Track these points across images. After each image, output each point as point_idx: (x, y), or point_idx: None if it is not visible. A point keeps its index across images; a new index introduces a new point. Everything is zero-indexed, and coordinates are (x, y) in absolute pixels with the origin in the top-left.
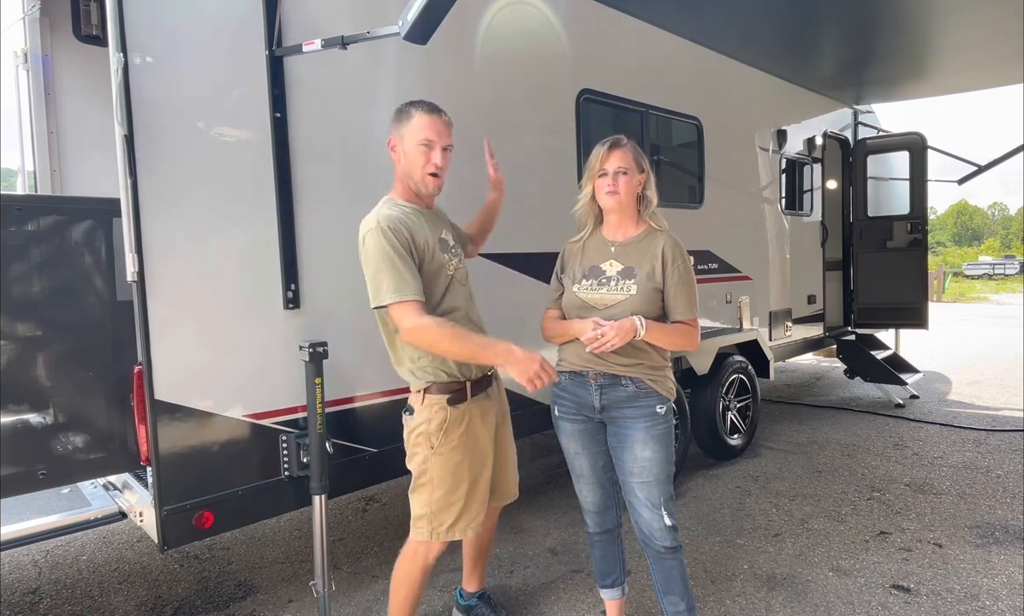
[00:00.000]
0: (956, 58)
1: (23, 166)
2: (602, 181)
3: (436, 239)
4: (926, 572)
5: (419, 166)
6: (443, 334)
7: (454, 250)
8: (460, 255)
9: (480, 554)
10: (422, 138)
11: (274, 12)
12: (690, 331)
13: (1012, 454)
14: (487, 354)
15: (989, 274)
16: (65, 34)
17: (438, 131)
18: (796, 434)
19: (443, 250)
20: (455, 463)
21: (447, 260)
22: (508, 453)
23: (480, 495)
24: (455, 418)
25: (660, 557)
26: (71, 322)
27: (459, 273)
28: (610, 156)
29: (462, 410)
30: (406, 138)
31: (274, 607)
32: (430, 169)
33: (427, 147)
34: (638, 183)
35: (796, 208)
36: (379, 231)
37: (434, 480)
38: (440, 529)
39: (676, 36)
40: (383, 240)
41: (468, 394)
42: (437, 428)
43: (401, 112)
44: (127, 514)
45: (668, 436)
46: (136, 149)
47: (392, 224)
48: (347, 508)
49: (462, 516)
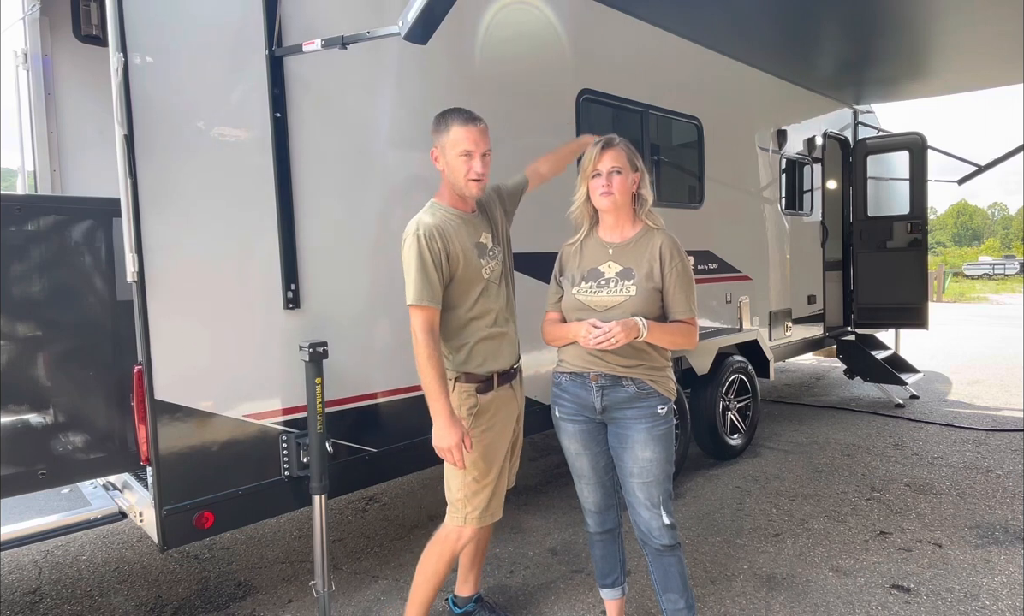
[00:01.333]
0: (956, 58)
1: (23, 166)
2: (596, 182)
3: (473, 244)
4: (926, 572)
5: (462, 175)
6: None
7: (491, 252)
8: (497, 256)
9: (478, 554)
10: (461, 149)
11: (274, 12)
12: (690, 329)
13: (1012, 454)
14: (429, 402)
15: (989, 274)
16: (65, 34)
17: (475, 140)
18: (796, 434)
19: (480, 255)
20: (485, 446)
21: (483, 264)
22: (518, 445)
23: (504, 479)
24: (484, 404)
25: (659, 555)
26: (71, 322)
27: (494, 274)
28: (603, 156)
29: (491, 397)
30: (447, 150)
31: (274, 607)
32: (472, 176)
33: (467, 157)
34: (633, 182)
35: (796, 208)
36: (415, 238)
37: (468, 465)
38: (474, 513)
39: (676, 36)
40: (416, 247)
41: (495, 384)
42: (468, 413)
43: (439, 124)
44: (127, 514)
45: (669, 436)
46: (136, 149)
47: (428, 233)
48: (347, 508)
49: (493, 499)
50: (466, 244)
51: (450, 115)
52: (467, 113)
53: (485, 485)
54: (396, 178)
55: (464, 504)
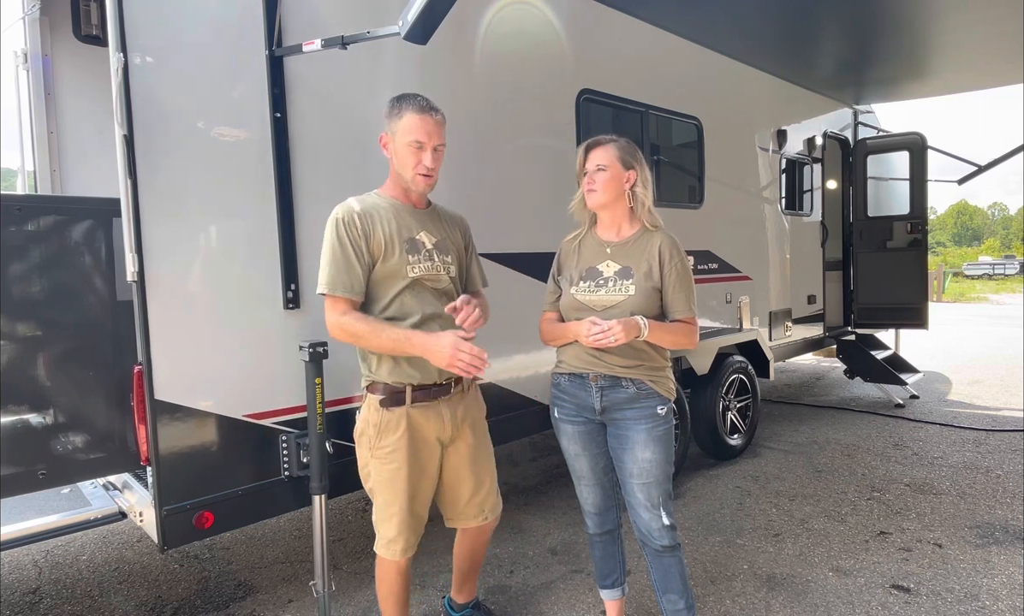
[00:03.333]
0: (956, 58)
1: (23, 166)
2: (584, 180)
3: (404, 237)
4: (926, 572)
5: (409, 166)
6: (358, 329)
7: (430, 254)
8: (441, 262)
9: (472, 568)
10: (412, 139)
11: (274, 12)
12: (690, 329)
13: (1012, 454)
14: (406, 347)
15: (989, 274)
16: (65, 34)
17: (428, 132)
18: (796, 434)
19: (410, 250)
20: (391, 471)
21: (412, 261)
22: (463, 469)
23: (419, 512)
24: (389, 422)
25: (659, 556)
26: (71, 322)
27: (429, 276)
28: (589, 155)
29: (397, 415)
30: (397, 136)
31: (274, 607)
32: (420, 170)
33: (418, 148)
34: (626, 179)
35: (796, 208)
36: (333, 221)
37: (375, 485)
38: (381, 542)
39: (676, 36)
40: (333, 231)
41: (408, 398)
42: (374, 429)
43: (392, 107)
44: (127, 514)
45: (668, 437)
46: (136, 149)
47: (348, 216)
48: (347, 508)
49: (400, 534)
50: (393, 234)
51: (405, 100)
52: (423, 101)
53: (392, 514)
54: None
55: (377, 528)
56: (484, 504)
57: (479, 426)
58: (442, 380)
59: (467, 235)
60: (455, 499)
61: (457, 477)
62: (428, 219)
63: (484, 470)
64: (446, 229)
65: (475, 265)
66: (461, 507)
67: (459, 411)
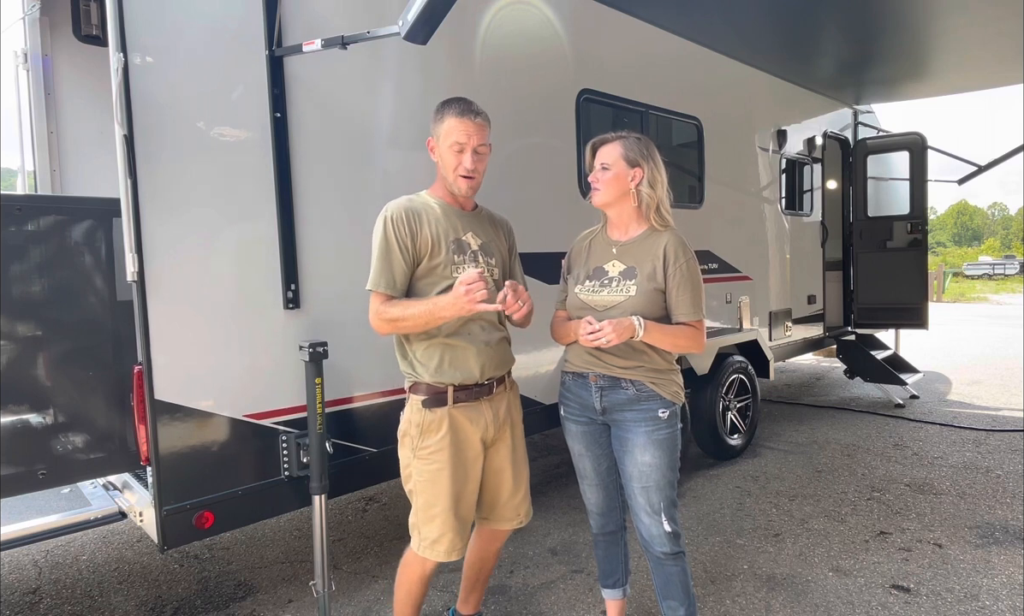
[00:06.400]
0: (956, 58)
1: (23, 166)
2: (591, 178)
3: (451, 239)
4: (926, 572)
5: (451, 168)
6: (392, 313)
7: (475, 255)
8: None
9: (480, 577)
10: (452, 141)
11: (274, 12)
12: (694, 333)
13: (1012, 454)
14: (436, 312)
15: (989, 274)
16: (65, 34)
17: (469, 133)
18: (796, 434)
19: (456, 251)
20: (432, 471)
21: (458, 261)
22: (505, 471)
23: (464, 514)
24: (431, 422)
25: (660, 562)
26: (71, 322)
27: None
28: (595, 153)
29: (439, 415)
30: (440, 139)
31: (274, 607)
32: (461, 171)
33: (458, 150)
34: (631, 178)
35: (796, 208)
36: (382, 219)
37: (416, 486)
38: (424, 543)
39: (676, 36)
40: (381, 228)
41: (450, 399)
42: (416, 430)
43: (437, 112)
44: (127, 514)
45: (671, 441)
46: (136, 149)
47: (396, 214)
48: (347, 508)
49: (444, 535)
50: (441, 233)
51: (448, 104)
52: (466, 103)
53: (434, 514)
54: (396, 178)
55: (418, 529)
56: (520, 507)
57: (518, 428)
58: (483, 380)
59: (511, 238)
60: (494, 500)
61: (498, 479)
62: (475, 221)
63: (522, 472)
64: (491, 232)
65: (517, 268)
66: (499, 508)
67: (501, 411)
